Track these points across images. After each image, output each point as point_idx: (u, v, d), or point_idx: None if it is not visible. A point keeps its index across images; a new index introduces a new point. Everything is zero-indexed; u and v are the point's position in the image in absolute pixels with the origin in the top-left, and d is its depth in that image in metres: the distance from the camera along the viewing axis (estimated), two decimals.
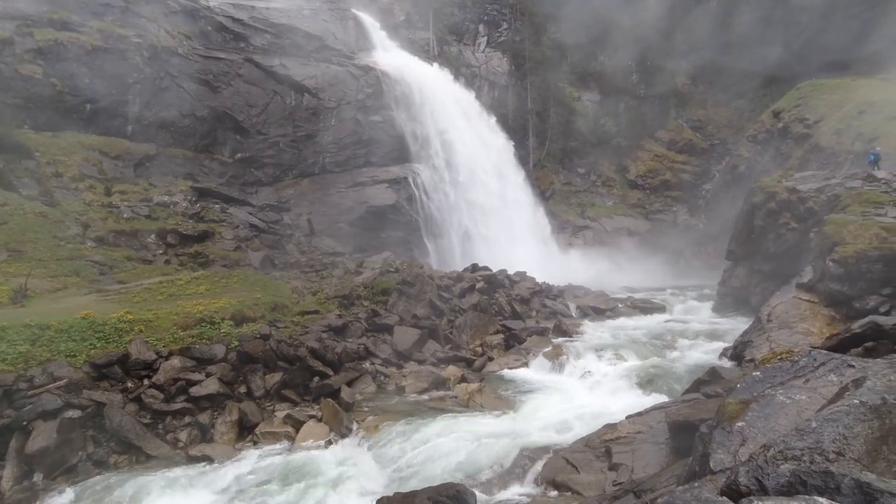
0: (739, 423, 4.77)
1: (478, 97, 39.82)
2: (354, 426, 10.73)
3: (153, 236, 21.90)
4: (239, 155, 29.65)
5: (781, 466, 3.09)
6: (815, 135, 28.66)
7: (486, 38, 46.21)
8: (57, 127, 24.58)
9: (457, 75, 39.66)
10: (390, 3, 41.85)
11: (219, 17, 30.52)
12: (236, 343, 12.40)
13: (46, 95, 24.44)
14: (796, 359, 5.51)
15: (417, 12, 42.58)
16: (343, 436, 10.42)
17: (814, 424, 3.46)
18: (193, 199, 25.88)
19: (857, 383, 4.15)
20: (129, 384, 10.96)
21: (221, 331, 12.82)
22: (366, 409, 11.72)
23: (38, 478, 8.81)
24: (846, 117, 27.74)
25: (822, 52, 37.57)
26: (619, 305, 22.63)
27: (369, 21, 36.32)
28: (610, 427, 8.70)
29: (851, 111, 27.86)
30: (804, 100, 32.35)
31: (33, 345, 10.86)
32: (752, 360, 11.75)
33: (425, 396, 12.52)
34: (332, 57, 32.68)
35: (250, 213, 27.12)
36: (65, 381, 10.16)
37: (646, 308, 22.54)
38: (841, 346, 8.54)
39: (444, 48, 43.25)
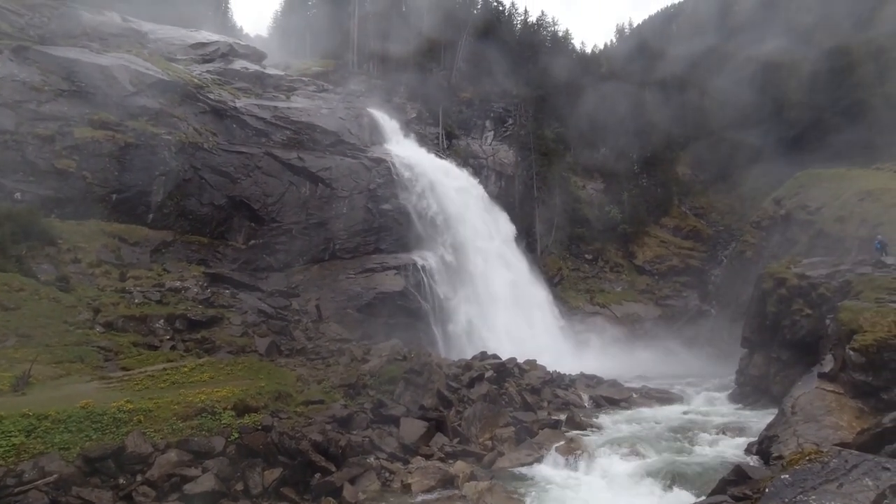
0: None
1: (485, 186, 41.43)
2: None
3: (162, 321, 21.91)
4: (252, 241, 30.43)
5: None
6: (819, 221, 29.08)
7: (492, 132, 49.04)
8: (83, 215, 25.57)
9: (465, 166, 41.59)
10: (403, 103, 45.05)
11: (244, 116, 32.81)
12: (236, 435, 11.92)
13: (77, 187, 25.70)
14: (826, 460, 5.19)
15: (427, 110, 45.66)
16: None
17: None
18: (205, 284, 26.19)
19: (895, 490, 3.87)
20: (122, 480, 10.42)
21: (222, 422, 12.37)
22: None
23: None
24: (846, 204, 28.29)
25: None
26: (634, 395, 21.77)
27: (382, 118, 38.83)
28: None
29: (851, 199, 28.46)
30: (803, 189, 33.21)
31: (28, 436, 10.50)
32: (779, 458, 11.09)
33: (432, 496, 11.74)
34: (346, 150, 34.55)
35: (259, 299, 27.25)
36: (55, 476, 9.70)
37: (662, 398, 21.65)
38: (872, 442, 8.09)
39: (452, 142, 45.78)
